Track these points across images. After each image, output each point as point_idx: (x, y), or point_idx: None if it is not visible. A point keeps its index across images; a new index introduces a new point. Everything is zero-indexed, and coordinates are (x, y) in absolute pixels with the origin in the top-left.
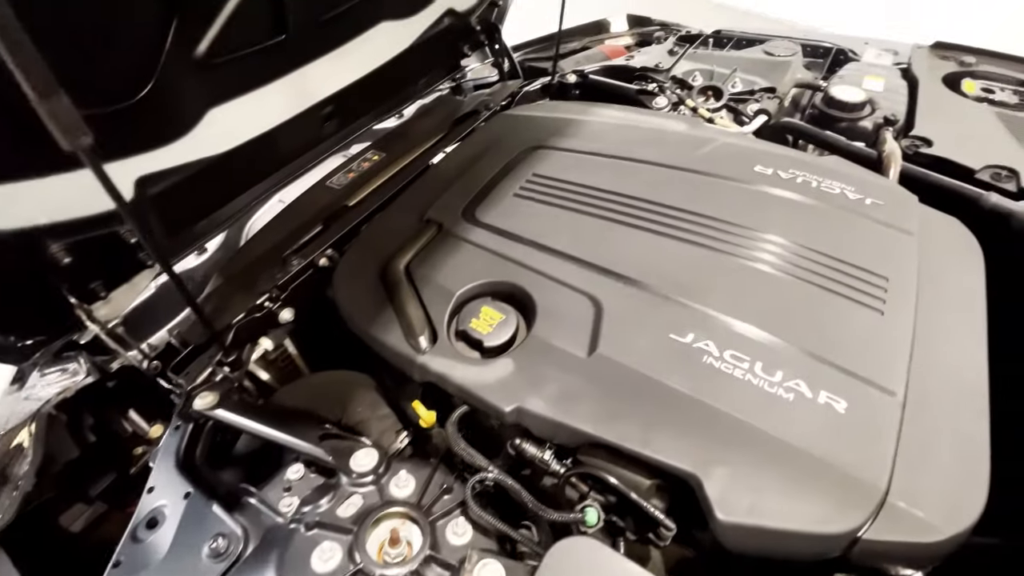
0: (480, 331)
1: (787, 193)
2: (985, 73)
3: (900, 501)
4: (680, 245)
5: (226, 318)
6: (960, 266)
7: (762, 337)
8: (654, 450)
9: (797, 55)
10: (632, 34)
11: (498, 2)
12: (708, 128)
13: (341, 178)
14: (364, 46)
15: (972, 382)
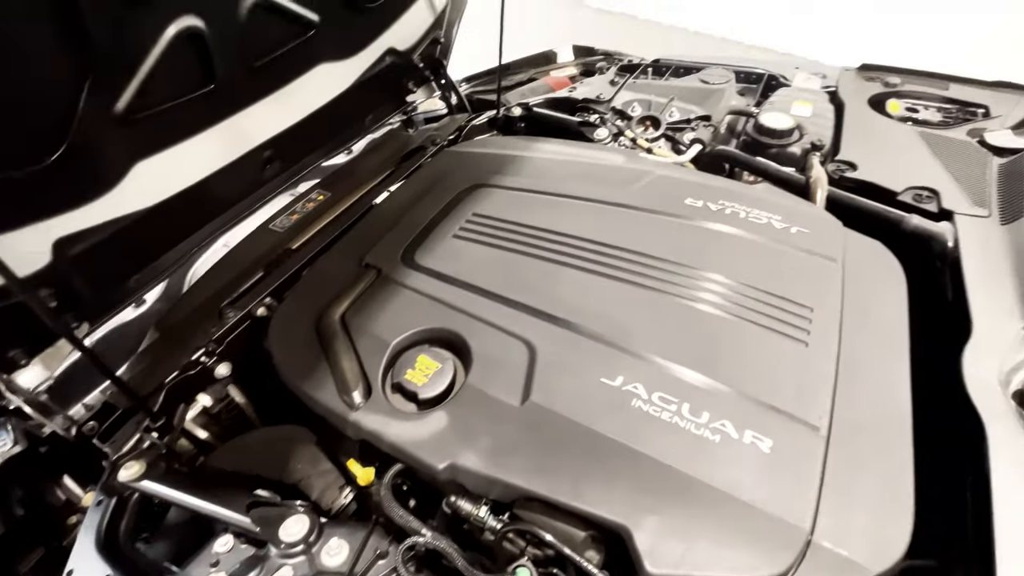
0: (415, 383)
1: (715, 226)
2: (909, 92)
3: (825, 541)
4: (611, 283)
5: (158, 377)
6: (883, 291)
7: (689, 377)
8: (585, 502)
9: (731, 82)
10: (577, 64)
11: (440, 39)
12: (644, 160)
13: (284, 220)
14: (303, 88)
15: (895, 411)
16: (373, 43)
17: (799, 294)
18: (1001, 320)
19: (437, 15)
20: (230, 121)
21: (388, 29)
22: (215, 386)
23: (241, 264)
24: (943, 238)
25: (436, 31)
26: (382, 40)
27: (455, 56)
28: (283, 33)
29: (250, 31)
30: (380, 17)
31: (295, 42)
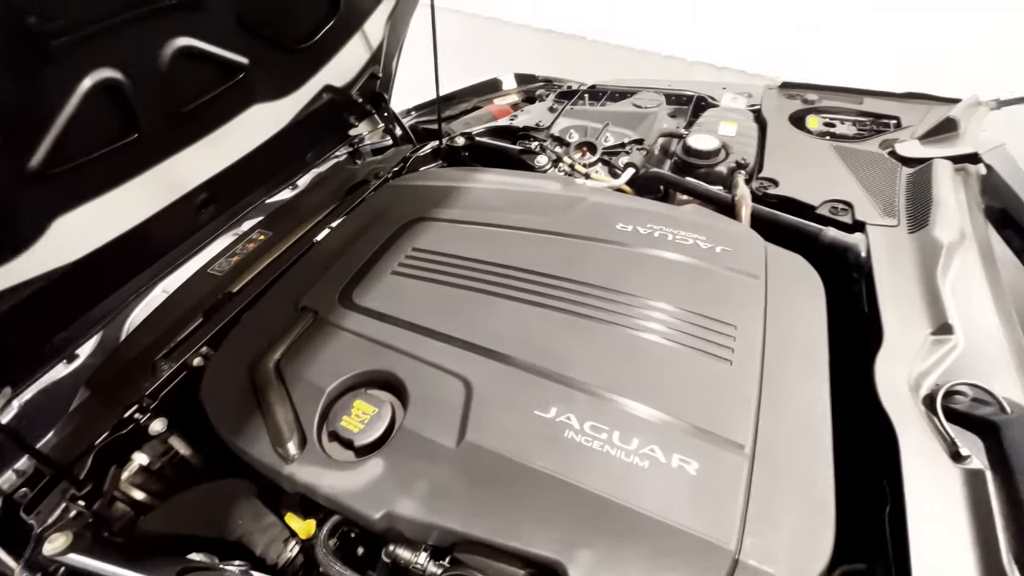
0: (351, 429)
1: (644, 250)
2: (826, 108)
3: (751, 559)
4: (544, 312)
5: (87, 439)
6: (803, 304)
7: (619, 403)
8: (521, 541)
9: (662, 105)
10: (519, 91)
11: (378, 74)
12: (579, 187)
13: (224, 263)
14: (237, 130)
15: (815, 425)
16: (308, 82)
17: (724, 313)
18: (910, 327)
19: (373, 51)
20: (159, 168)
21: (323, 67)
22: (151, 443)
23: (178, 312)
24: (856, 249)
25: (374, 66)
26: (318, 78)
27: (411, 85)
28: (211, 78)
29: (174, 78)
30: (314, 56)
31: (224, 86)
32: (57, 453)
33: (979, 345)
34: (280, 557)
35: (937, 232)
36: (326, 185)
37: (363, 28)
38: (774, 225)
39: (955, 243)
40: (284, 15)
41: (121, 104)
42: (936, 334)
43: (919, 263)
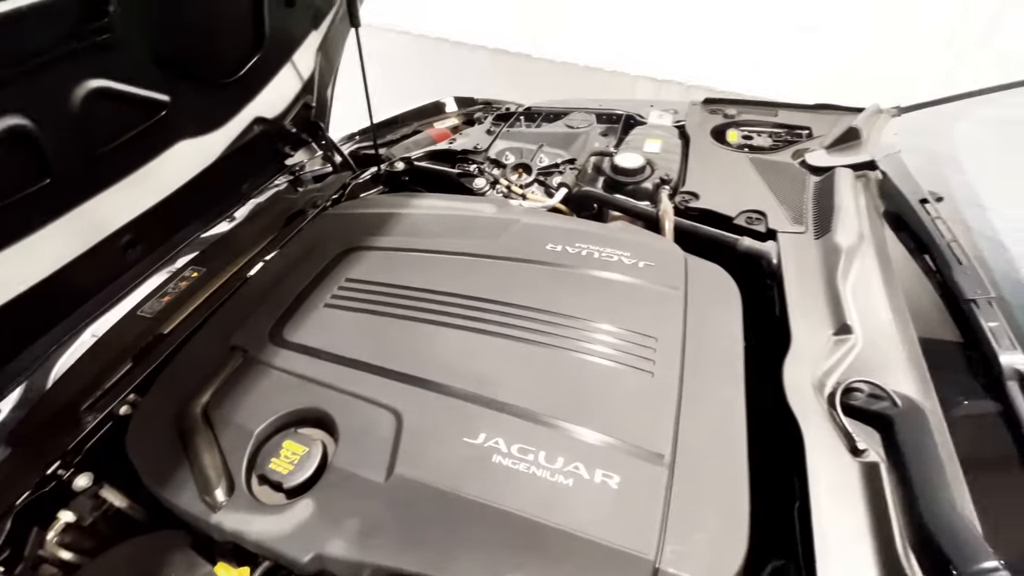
0: (280, 471)
1: (571, 269)
2: (745, 121)
3: (670, 568)
4: (475, 337)
5: (5, 501)
6: (720, 312)
7: (544, 423)
8: (452, 571)
9: (592, 126)
10: (459, 115)
11: (312, 104)
12: (513, 209)
13: (155, 304)
14: (162, 168)
15: (731, 431)
16: (238, 115)
17: (645, 326)
18: (815, 329)
19: (305, 81)
20: (78, 211)
21: (253, 100)
22: (79, 499)
23: (105, 358)
24: (768, 256)
25: (306, 96)
26: (248, 111)
27: (362, 109)
28: (130, 117)
29: (88, 121)
30: (241, 90)
31: (145, 125)
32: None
33: (875, 342)
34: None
35: (838, 237)
36: (263, 216)
37: (292, 59)
38: (695, 237)
39: (854, 246)
40: (206, 51)
41: (31, 150)
42: (837, 334)
43: (823, 267)
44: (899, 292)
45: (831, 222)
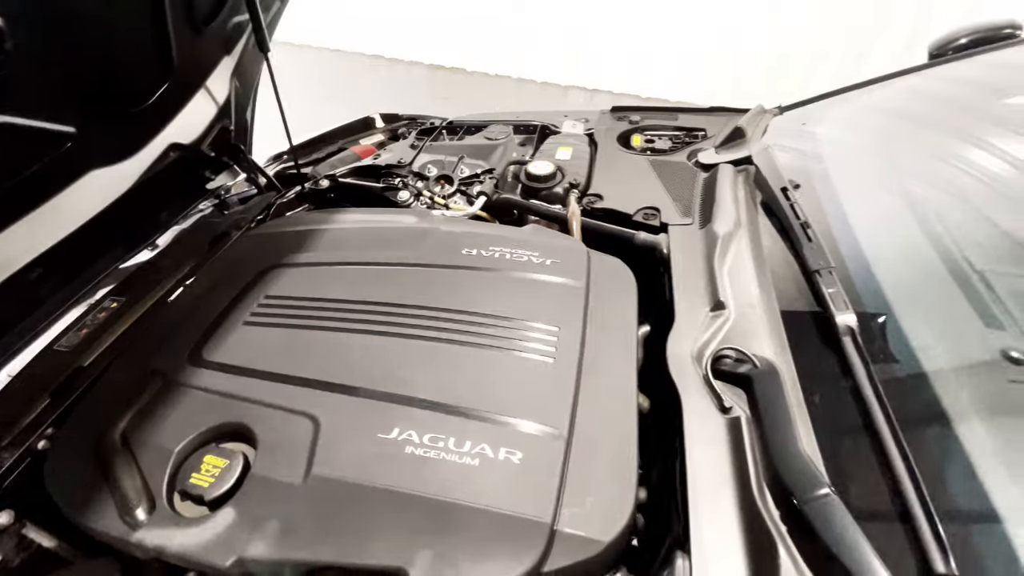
0: (202, 485)
1: (485, 270)
2: (648, 126)
3: (566, 528)
4: (392, 341)
5: None
6: (618, 301)
7: (455, 412)
8: (368, 556)
9: (510, 136)
10: (384, 131)
11: (230, 127)
12: (433, 218)
13: (72, 337)
14: (71, 199)
15: (624, 406)
16: (151, 143)
17: (549, 317)
18: (695, 307)
19: (221, 105)
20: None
21: (166, 126)
22: (1, 539)
23: (22, 395)
24: (660, 247)
25: (223, 120)
26: (162, 137)
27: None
28: (34, 150)
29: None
30: (153, 117)
31: (51, 156)
32: None
33: (744, 315)
34: None
35: (716, 226)
36: (186, 242)
37: (206, 85)
38: (600, 234)
39: (730, 233)
40: (112, 81)
41: None
42: (713, 311)
43: (704, 253)
44: (766, 270)
45: (712, 213)
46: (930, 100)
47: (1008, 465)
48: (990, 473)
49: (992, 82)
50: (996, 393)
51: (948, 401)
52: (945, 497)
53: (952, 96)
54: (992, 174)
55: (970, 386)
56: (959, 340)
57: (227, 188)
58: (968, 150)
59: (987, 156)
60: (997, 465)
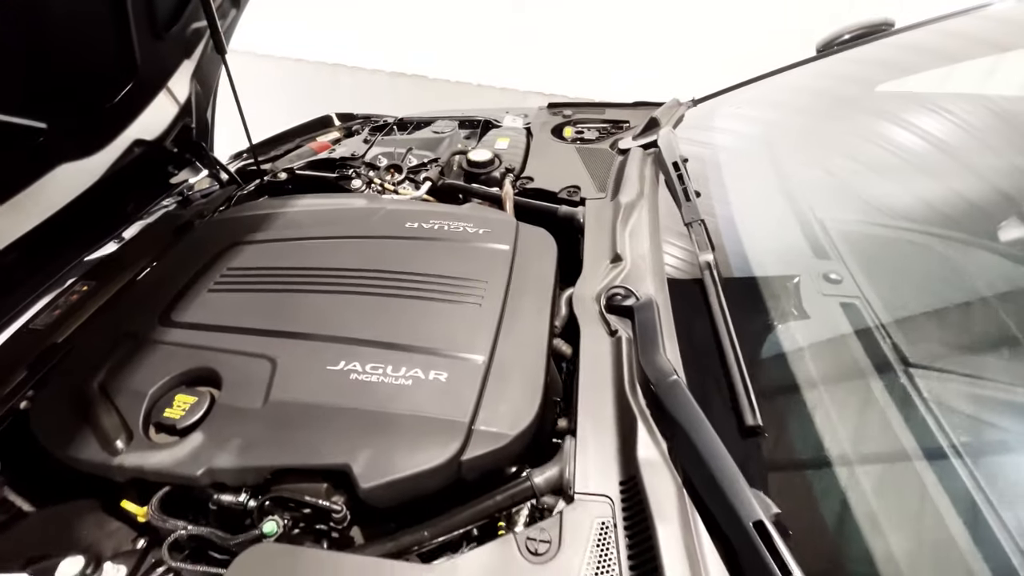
0: (173, 417)
1: (425, 239)
2: (579, 120)
3: (481, 426)
4: (340, 297)
5: None
6: (539, 261)
7: (393, 347)
8: (318, 458)
9: (455, 130)
10: (340, 128)
11: (191, 125)
12: (382, 200)
13: (46, 317)
14: (43, 191)
15: (537, 339)
16: (117, 138)
17: (479, 273)
18: (599, 261)
19: (182, 105)
20: None
21: (131, 124)
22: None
23: (1, 368)
24: (578, 217)
25: (185, 118)
26: (127, 134)
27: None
28: (8, 143)
29: None
30: (119, 115)
31: (22, 151)
32: None
33: (636, 264)
34: (131, 554)
35: (622, 197)
36: (152, 231)
37: (168, 86)
38: (530, 209)
39: (632, 202)
40: (79, 80)
41: None
42: (612, 262)
43: (611, 219)
44: (658, 230)
45: (620, 187)
46: (808, 88)
47: (810, 351)
48: (797, 359)
49: (863, 72)
50: (812, 302)
51: (776, 310)
52: (760, 375)
53: (826, 84)
54: (847, 144)
55: (795, 298)
56: (793, 266)
57: (190, 185)
58: (822, 122)
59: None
60: (803, 352)
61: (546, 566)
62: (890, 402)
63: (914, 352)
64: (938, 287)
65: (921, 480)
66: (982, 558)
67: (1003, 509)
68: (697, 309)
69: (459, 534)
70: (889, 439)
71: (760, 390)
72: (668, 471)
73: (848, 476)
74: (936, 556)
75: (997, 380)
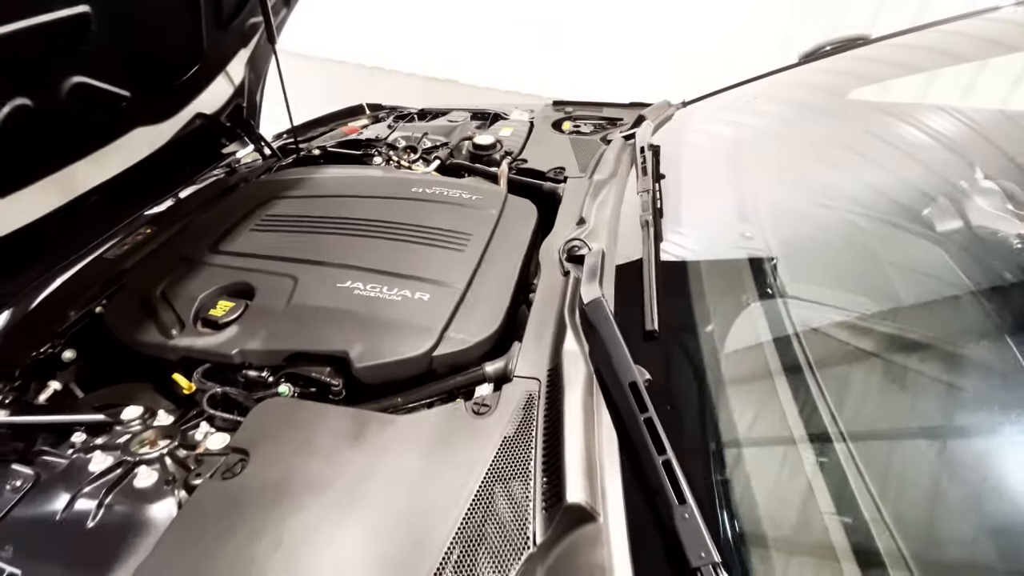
0: (216, 315)
1: (426, 200)
2: (578, 116)
3: (451, 333)
4: (352, 238)
5: (13, 361)
6: (520, 223)
7: (389, 275)
8: (324, 344)
9: (466, 120)
10: (369, 116)
11: (243, 104)
12: (395, 171)
13: (116, 250)
14: (123, 147)
15: (508, 276)
16: (183, 111)
17: (467, 228)
18: (567, 223)
19: (237, 87)
20: (62, 173)
21: (195, 99)
22: (64, 372)
23: (83, 282)
24: (559, 192)
25: (238, 98)
26: (191, 108)
27: None
28: (100, 105)
29: (72, 104)
30: (186, 91)
31: (111, 112)
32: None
33: (596, 227)
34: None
35: (596, 175)
36: (204, 192)
37: (226, 70)
38: (521, 186)
39: (603, 180)
40: (158, 60)
41: (31, 122)
42: (578, 225)
43: (583, 193)
44: (620, 202)
45: (597, 169)
46: (783, 94)
47: (709, 273)
48: (698, 286)
49: (834, 80)
50: (725, 251)
51: (695, 257)
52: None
53: (800, 89)
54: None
55: (713, 247)
56: (722, 230)
57: (237, 159)
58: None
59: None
60: (709, 277)
61: (483, 419)
62: (763, 320)
63: (791, 288)
64: (828, 247)
65: (773, 383)
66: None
67: (837, 410)
68: (638, 263)
69: (424, 403)
70: (756, 350)
71: (666, 307)
72: (584, 362)
73: (724, 366)
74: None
75: (853, 311)
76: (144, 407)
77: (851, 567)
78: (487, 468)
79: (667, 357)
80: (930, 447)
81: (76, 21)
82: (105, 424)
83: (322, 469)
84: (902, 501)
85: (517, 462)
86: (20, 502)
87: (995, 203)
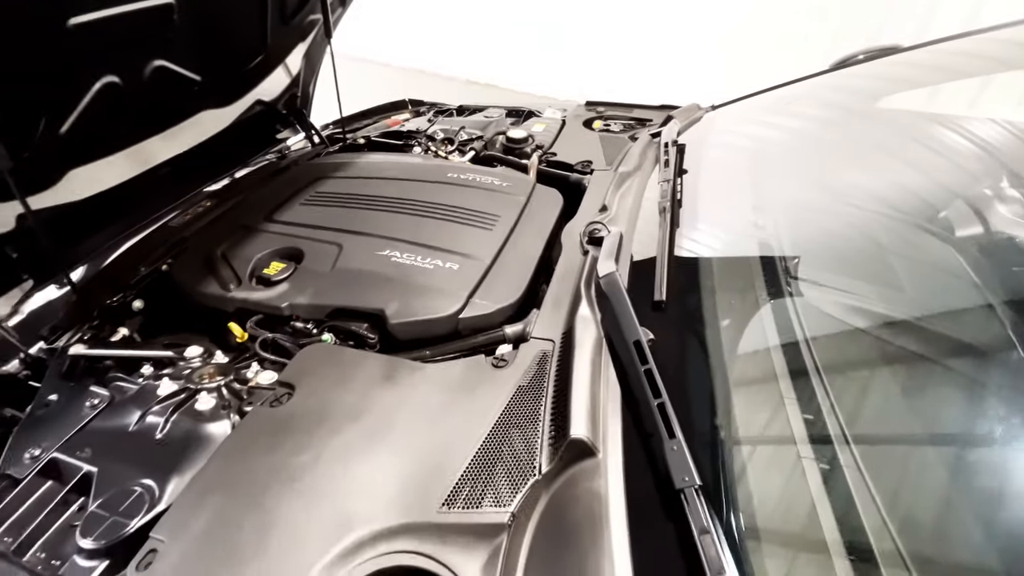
0: (269, 274)
1: (461, 185)
2: (609, 116)
3: (476, 299)
4: (393, 215)
5: (92, 306)
6: (546, 209)
7: (424, 246)
8: (363, 302)
9: (501, 116)
10: (411, 111)
11: (298, 95)
12: (432, 159)
13: (180, 219)
14: (192, 127)
15: (530, 257)
16: (244, 97)
17: (496, 211)
18: (591, 208)
19: (293, 76)
20: (139, 146)
21: (255, 87)
22: (131, 321)
23: (151, 245)
24: (584, 183)
25: (294, 88)
26: (252, 94)
27: None
28: (175, 88)
29: (151, 85)
30: (248, 79)
31: (184, 94)
32: (72, 311)
33: (618, 214)
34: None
35: (621, 168)
36: (257, 174)
37: (285, 62)
38: (549, 176)
39: (627, 172)
40: (227, 50)
41: (116, 99)
42: (601, 211)
43: (608, 183)
44: (642, 193)
45: (623, 162)
46: (813, 97)
47: (719, 264)
48: (707, 265)
49: (866, 85)
50: (737, 240)
51: (709, 244)
52: (680, 271)
53: (831, 96)
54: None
55: (727, 235)
56: (736, 220)
57: (288, 146)
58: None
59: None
60: (714, 264)
61: (501, 371)
62: (765, 296)
63: (801, 281)
64: (839, 242)
65: (770, 354)
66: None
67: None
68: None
69: (450, 358)
70: (758, 321)
71: (675, 284)
72: (595, 327)
73: (724, 336)
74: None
75: (853, 293)
76: (202, 347)
77: (824, 509)
78: (502, 410)
79: (672, 326)
80: (935, 441)
81: (162, 10)
82: (170, 360)
83: (358, 402)
84: (877, 451)
85: (529, 406)
86: (98, 416)
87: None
